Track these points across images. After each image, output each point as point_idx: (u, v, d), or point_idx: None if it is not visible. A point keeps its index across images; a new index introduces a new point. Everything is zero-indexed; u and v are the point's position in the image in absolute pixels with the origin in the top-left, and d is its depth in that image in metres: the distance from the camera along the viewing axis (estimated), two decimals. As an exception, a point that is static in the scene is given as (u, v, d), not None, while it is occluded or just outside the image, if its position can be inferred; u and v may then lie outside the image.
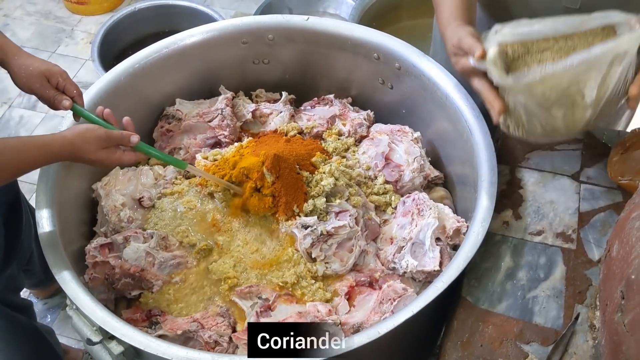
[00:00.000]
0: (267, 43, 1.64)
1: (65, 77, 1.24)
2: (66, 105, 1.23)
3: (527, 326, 1.12)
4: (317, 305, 1.26)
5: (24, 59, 1.23)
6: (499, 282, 1.18)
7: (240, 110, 1.63)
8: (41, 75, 1.21)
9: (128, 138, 1.22)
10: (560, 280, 1.18)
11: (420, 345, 1.47)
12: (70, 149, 1.14)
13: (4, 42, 1.23)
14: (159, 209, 1.42)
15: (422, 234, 1.33)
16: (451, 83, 1.43)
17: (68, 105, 1.23)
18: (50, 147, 1.12)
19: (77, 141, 1.14)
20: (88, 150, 1.15)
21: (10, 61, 1.22)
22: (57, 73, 1.23)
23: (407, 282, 1.32)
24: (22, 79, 1.22)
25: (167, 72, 1.59)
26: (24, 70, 1.21)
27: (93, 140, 1.16)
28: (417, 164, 1.47)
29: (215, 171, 1.41)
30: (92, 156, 1.16)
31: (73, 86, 1.25)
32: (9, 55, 1.23)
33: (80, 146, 1.15)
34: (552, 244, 1.23)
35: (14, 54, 1.23)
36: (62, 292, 2.10)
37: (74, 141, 1.14)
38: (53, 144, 1.12)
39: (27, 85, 1.22)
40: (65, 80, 1.24)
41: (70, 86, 1.25)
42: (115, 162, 1.22)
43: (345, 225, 1.32)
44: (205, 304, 1.29)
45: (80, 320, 1.16)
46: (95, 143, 1.16)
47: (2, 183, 1.09)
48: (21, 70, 1.21)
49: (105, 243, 1.32)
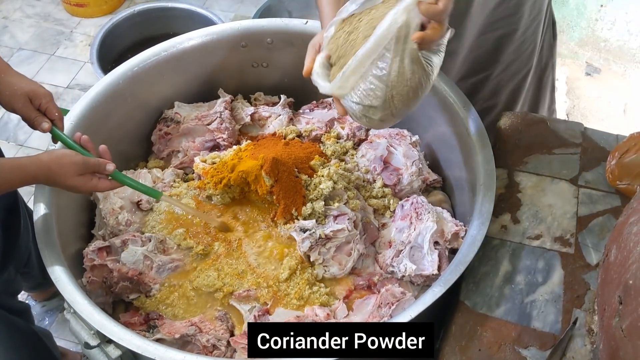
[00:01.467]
0: (266, 46, 1.64)
1: (48, 100, 1.25)
2: (45, 127, 1.24)
3: (525, 330, 1.12)
4: (316, 309, 1.26)
5: (10, 77, 1.23)
6: (497, 286, 1.18)
7: (239, 113, 1.63)
8: (24, 96, 1.22)
9: (104, 166, 1.22)
10: (558, 284, 1.18)
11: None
12: (46, 172, 1.14)
13: None
14: (157, 212, 1.42)
15: (420, 237, 1.33)
16: (449, 87, 1.43)
17: (47, 128, 1.24)
18: (25, 170, 1.13)
19: (53, 166, 1.15)
20: (64, 175, 1.16)
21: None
22: (41, 95, 1.24)
23: (405, 286, 1.32)
24: (5, 97, 1.22)
25: (165, 75, 1.59)
26: (8, 89, 1.22)
27: (69, 166, 1.16)
28: (416, 167, 1.47)
29: (214, 174, 1.40)
30: (67, 182, 1.17)
31: (55, 109, 1.26)
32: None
33: (56, 171, 1.15)
34: (550, 248, 1.23)
35: (1, 72, 1.23)
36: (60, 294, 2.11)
37: (50, 165, 1.15)
38: (28, 167, 1.13)
39: (10, 104, 1.23)
40: (49, 102, 1.25)
41: (53, 109, 1.25)
42: (90, 189, 1.22)
43: (343, 228, 1.32)
44: (203, 308, 1.29)
45: (77, 323, 1.16)
46: (72, 169, 1.16)
47: None
48: (5, 88, 1.22)
49: (103, 246, 1.32)
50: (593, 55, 2.93)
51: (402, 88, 1.08)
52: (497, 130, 1.44)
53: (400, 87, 1.08)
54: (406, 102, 1.10)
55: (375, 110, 1.11)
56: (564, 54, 2.96)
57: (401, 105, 1.10)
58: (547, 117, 1.47)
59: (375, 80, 1.07)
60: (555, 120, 1.46)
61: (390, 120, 1.15)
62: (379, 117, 1.12)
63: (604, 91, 2.84)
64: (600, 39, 2.88)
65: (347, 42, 1.11)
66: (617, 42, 2.85)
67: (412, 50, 1.04)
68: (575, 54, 2.96)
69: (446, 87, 1.42)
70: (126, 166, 1.53)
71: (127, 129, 1.56)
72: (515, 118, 1.44)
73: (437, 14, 1.00)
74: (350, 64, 1.07)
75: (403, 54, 1.05)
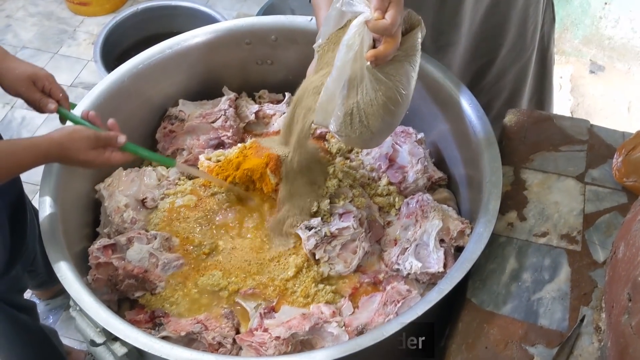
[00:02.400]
0: (270, 44, 1.64)
1: (51, 81, 1.26)
2: (52, 108, 1.25)
3: (532, 328, 1.12)
4: (321, 307, 1.26)
5: (10, 62, 1.24)
6: (504, 283, 1.18)
7: (243, 111, 1.63)
8: (27, 79, 1.23)
9: (115, 138, 1.23)
10: (565, 282, 1.17)
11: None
12: (58, 149, 1.15)
13: None
14: (161, 209, 1.42)
15: (426, 235, 1.32)
16: (455, 84, 1.42)
17: (54, 109, 1.25)
18: (38, 149, 1.13)
19: (65, 142, 1.15)
20: (76, 150, 1.16)
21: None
22: (43, 77, 1.25)
23: (410, 284, 1.32)
24: (8, 82, 1.23)
25: (170, 73, 1.59)
26: (10, 73, 1.23)
27: (81, 140, 1.17)
28: (421, 165, 1.46)
29: (219, 172, 1.40)
30: (80, 157, 1.17)
31: (59, 90, 1.27)
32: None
33: (69, 147, 1.15)
34: (557, 246, 1.22)
35: (1, 58, 1.23)
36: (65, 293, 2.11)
37: (62, 142, 1.15)
38: (41, 146, 1.13)
39: (14, 88, 1.24)
40: (52, 84, 1.26)
41: (56, 90, 1.26)
42: (104, 163, 1.22)
43: (349, 226, 1.32)
44: (208, 306, 1.29)
45: (83, 321, 1.16)
46: (84, 143, 1.17)
47: None
48: (8, 73, 1.23)
49: (108, 244, 1.32)
50: (597, 53, 2.93)
51: (370, 108, 1.09)
52: (502, 128, 1.44)
53: (369, 108, 1.09)
54: (381, 119, 1.11)
55: (355, 133, 1.13)
56: (568, 52, 2.96)
57: (378, 123, 1.12)
58: (553, 114, 1.46)
59: (344, 107, 1.10)
60: (561, 117, 1.45)
61: (375, 138, 1.18)
62: (362, 139, 1.14)
63: (608, 89, 2.83)
64: (604, 36, 2.87)
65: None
66: (621, 39, 2.84)
67: (369, 69, 1.05)
68: (579, 51, 2.95)
69: (451, 84, 1.42)
70: (130, 164, 1.52)
71: (131, 127, 1.55)
72: (521, 115, 1.44)
73: (386, 30, 0.99)
74: (322, 95, 1.10)
75: (362, 75, 1.06)
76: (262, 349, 1.18)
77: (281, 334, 1.18)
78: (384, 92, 1.08)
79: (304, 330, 1.19)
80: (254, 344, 1.18)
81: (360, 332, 1.23)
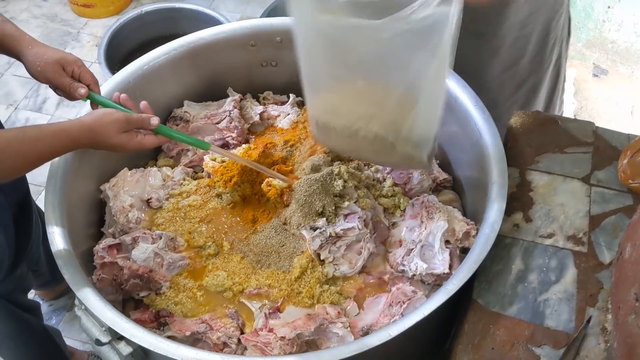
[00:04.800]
0: (275, 45, 1.64)
1: (80, 65, 1.24)
2: (82, 93, 1.22)
3: (538, 329, 1.11)
4: (327, 307, 1.26)
5: (38, 48, 1.22)
6: (510, 284, 1.18)
7: (247, 113, 1.63)
8: (56, 64, 1.21)
9: (148, 120, 1.20)
10: (571, 283, 1.17)
11: (428, 348, 1.46)
12: (89, 134, 1.12)
13: (17, 33, 1.23)
14: (166, 210, 1.42)
15: (431, 236, 1.32)
16: (460, 86, 1.42)
17: (84, 93, 1.22)
18: (68, 134, 1.10)
19: (96, 126, 1.12)
20: (107, 134, 1.13)
21: (25, 51, 1.22)
22: (72, 61, 1.23)
23: (416, 285, 1.31)
24: (37, 68, 1.21)
25: (175, 74, 1.59)
26: (38, 59, 1.20)
27: (112, 123, 1.14)
28: (426, 166, 1.46)
29: (224, 172, 1.40)
30: (112, 140, 1.14)
31: (88, 74, 1.24)
32: (23, 45, 1.22)
33: (99, 131, 1.12)
34: (563, 247, 1.22)
35: (28, 44, 1.22)
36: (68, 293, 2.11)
37: (92, 126, 1.12)
38: (71, 130, 1.10)
39: (42, 74, 1.21)
40: (81, 68, 1.24)
41: (86, 74, 1.24)
42: (137, 146, 1.18)
43: (354, 227, 1.32)
44: (213, 306, 1.29)
45: (89, 320, 1.15)
46: (115, 126, 1.14)
47: (23, 173, 1.09)
48: (36, 59, 1.21)
49: (113, 244, 1.32)
50: (600, 57, 2.93)
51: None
52: (507, 130, 1.44)
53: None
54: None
55: None
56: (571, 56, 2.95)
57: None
58: (558, 116, 1.46)
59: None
60: (567, 119, 1.45)
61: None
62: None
63: (611, 92, 2.83)
64: (607, 40, 2.87)
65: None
66: (625, 43, 2.84)
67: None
68: (582, 55, 2.95)
69: (457, 86, 1.42)
70: (135, 164, 1.53)
71: (136, 128, 1.56)
72: (526, 117, 1.44)
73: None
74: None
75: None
76: (267, 349, 1.17)
77: (286, 334, 1.18)
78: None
79: (309, 330, 1.19)
80: (259, 344, 1.18)
81: (366, 332, 1.23)
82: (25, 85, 2.84)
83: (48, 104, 2.76)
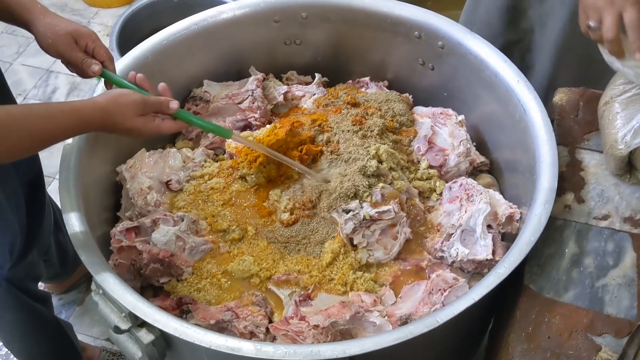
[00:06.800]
0: (300, 22, 1.55)
1: (94, 39, 1.14)
2: (95, 70, 1.13)
3: (597, 317, 1.02)
4: (362, 295, 1.17)
5: (51, 19, 1.13)
6: (564, 269, 1.08)
7: (271, 93, 1.55)
8: (68, 36, 1.11)
9: (167, 104, 1.10)
10: (631, 267, 1.08)
11: (467, 340, 1.37)
12: (102, 115, 1.02)
13: (29, 1, 1.14)
14: (187, 192, 1.33)
15: (472, 220, 1.23)
16: (501, 60, 1.33)
17: (98, 70, 1.13)
18: (79, 114, 0.99)
19: (111, 107, 1.02)
20: (122, 116, 1.03)
21: (36, 21, 1.12)
22: (85, 34, 1.13)
23: (455, 272, 1.22)
24: (48, 40, 1.12)
25: (194, 52, 1.50)
26: (49, 30, 1.11)
27: (128, 105, 1.04)
28: (464, 147, 1.37)
29: (248, 152, 1.32)
30: (127, 124, 1.04)
31: (103, 49, 1.15)
32: (35, 14, 1.13)
33: (114, 112, 1.02)
34: (620, 229, 1.13)
35: (39, 13, 1.13)
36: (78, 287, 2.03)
37: (106, 107, 1.02)
38: (83, 110, 1.00)
39: (53, 46, 1.12)
40: (95, 42, 1.14)
41: (100, 49, 1.15)
42: (153, 131, 1.09)
43: (389, 210, 1.23)
44: (239, 292, 1.20)
45: (107, 306, 1.06)
46: (131, 108, 1.04)
47: (29, 153, 0.99)
48: (47, 30, 1.11)
49: (132, 227, 1.23)
50: None
51: None
52: (551, 107, 1.35)
53: None
54: None
55: None
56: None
57: None
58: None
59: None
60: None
61: None
62: None
63: None
64: None
65: None
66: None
67: None
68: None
69: (498, 59, 1.33)
70: (153, 146, 1.44)
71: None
72: (572, 94, 1.34)
73: None
74: None
75: None
76: (299, 339, 1.08)
77: (320, 323, 1.09)
78: None
79: (344, 319, 1.10)
80: (290, 333, 1.09)
81: (404, 322, 1.13)
82: (34, 74, 2.76)
83: (58, 94, 2.68)
